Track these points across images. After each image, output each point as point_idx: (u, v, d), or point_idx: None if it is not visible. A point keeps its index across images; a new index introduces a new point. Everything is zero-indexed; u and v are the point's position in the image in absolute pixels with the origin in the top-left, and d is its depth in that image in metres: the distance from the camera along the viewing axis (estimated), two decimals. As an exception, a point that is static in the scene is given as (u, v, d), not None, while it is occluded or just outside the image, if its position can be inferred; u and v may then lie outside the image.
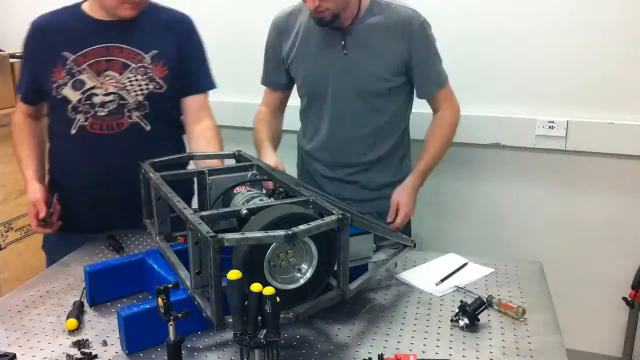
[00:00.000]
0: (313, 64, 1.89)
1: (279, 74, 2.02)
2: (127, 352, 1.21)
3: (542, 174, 2.44)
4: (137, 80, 1.71)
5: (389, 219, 1.85)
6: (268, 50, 2.03)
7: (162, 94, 1.74)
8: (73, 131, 1.71)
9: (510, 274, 1.58)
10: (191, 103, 1.84)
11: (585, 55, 2.27)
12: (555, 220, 2.46)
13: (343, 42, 1.82)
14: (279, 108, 2.09)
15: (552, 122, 2.34)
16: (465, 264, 1.61)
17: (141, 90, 1.72)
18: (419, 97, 1.93)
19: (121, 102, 1.70)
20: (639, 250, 2.35)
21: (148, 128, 1.74)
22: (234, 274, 1.03)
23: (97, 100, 1.69)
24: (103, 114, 1.69)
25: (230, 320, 1.07)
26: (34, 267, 1.64)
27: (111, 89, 1.70)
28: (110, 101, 1.70)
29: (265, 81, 2.09)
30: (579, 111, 2.33)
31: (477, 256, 1.66)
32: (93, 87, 1.69)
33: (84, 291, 1.43)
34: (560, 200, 2.44)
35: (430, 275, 1.54)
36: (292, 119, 2.14)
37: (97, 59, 1.69)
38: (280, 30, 1.96)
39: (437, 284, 1.50)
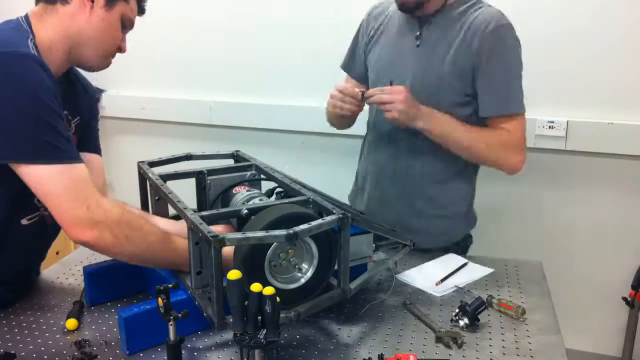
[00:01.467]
0: (384, 51, 1.75)
1: (358, 61, 1.85)
2: (127, 352, 1.21)
3: (542, 174, 2.44)
4: None
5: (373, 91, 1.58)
6: (355, 35, 1.86)
7: None
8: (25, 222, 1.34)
9: (510, 274, 1.58)
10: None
11: (585, 55, 2.27)
12: (555, 220, 2.46)
13: (418, 33, 1.66)
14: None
15: (552, 122, 2.34)
16: (465, 264, 1.61)
17: None
18: (480, 114, 1.65)
19: None
20: (639, 250, 2.35)
21: None
22: (234, 274, 1.03)
23: None
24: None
25: (231, 320, 1.07)
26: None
27: None
28: None
29: (345, 65, 1.90)
30: (579, 111, 2.32)
31: (477, 256, 1.66)
32: None
33: (84, 291, 1.43)
34: (560, 200, 2.44)
35: (430, 275, 1.54)
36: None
37: None
38: (370, 16, 1.82)
39: (437, 284, 1.50)
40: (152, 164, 1.58)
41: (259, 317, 1.03)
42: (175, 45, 2.90)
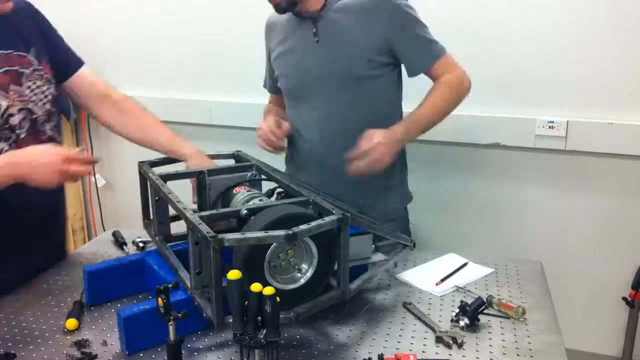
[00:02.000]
0: (288, 59, 1.83)
1: (273, 77, 1.96)
2: (127, 352, 1.21)
3: (542, 174, 2.44)
4: (38, 87, 1.47)
5: (352, 155, 1.59)
6: (266, 52, 1.98)
7: (58, 94, 1.54)
8: None
9: (510, 274, 1.58)
10: (80, 81, 1.63)
11: (585, 56, 2.27)
12: (555, 220, 2.46)
13: (314, 30, 1.74)
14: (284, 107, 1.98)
15: (552, 122, 2.34)
16: (465, 264, 1.61)
17: (46, 97, 1.49)
18: (411, 75, 1.78)
19: (32, 117, 1.46)
20: (639, 250, 2.35)
21: (59, 139, 1.56)
22: (233, 274, 1.03)
23: (14, 121, 1.42)
24: (23, 135, 1.44)
25: (231, 320, 1.07)
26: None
27: (19, 105, 1.43)
28: (23, 119, 1.44)
29: (265, 84, 2.06)
30: (579, 111, 2.32)
31: (477, 256, 1.66)
32: (7, 107, 1.41)
33: (84, 291, 1.43)
34: (560, 200, 2.44)
35: (430, 275, 1.54)
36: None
37: None
38: (267, 28, 1.92)
39: (437, 284, 1.50)
40: (153, 164, 1.58)
41: (259, 317, 1.03)
42: (175, 45, 2.90)
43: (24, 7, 1.54)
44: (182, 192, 1.39)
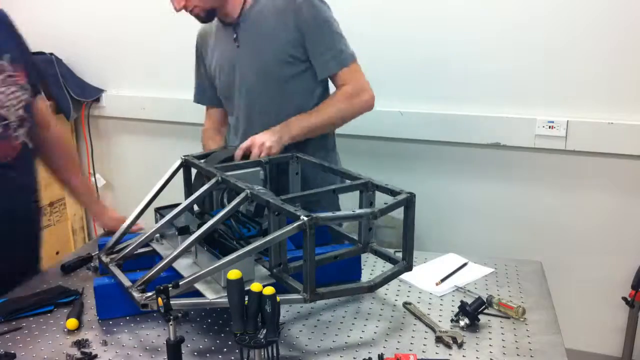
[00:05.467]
0: (218, 65, 1.88)
1: (207, 88, 1.99)
2: (99, 319, 1.32)
3: (542, 174, 2.44)
4: (12, 92, 1.46)
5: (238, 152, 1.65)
6: (196, 64, 2.00)
7: (31, 101, 1.54)
8: None
9: (510, 274, 1.58)
10: (39, 106, 1.63)
11: (586, 56, 2.27)
12: (555, 220, 2.46)
13: (235, 36, 1.80)
14: (222, 123, 2.05)
15: (552, 122, 2.34)
16: (465, 264, 1.61)
17: (19, 103, 1.47)
18: (319, 77, 1.80)
19: (4, 122, 1.44)
20: (639, 250, 2.35)
21: (31, 146, 1.55)
22: (233, 274, 1.03)
23: None
24: None
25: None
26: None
27: None
28: None
29: (197, 98, 2.06)
30: (579, 111, 2.32)
31: (477, 256, 1.66)
32: None
33: (83, 290, 1.43)
34: (560, 200, 2.44)
35: (430, 275, 1.54)
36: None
37: None
38: (201, 39, 1.95)
39: (437, 284, 1.50)
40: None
41: (259, 317, 1.03)
42: (175, 45, 2.90)
43: (2, 15, 1.53)
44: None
